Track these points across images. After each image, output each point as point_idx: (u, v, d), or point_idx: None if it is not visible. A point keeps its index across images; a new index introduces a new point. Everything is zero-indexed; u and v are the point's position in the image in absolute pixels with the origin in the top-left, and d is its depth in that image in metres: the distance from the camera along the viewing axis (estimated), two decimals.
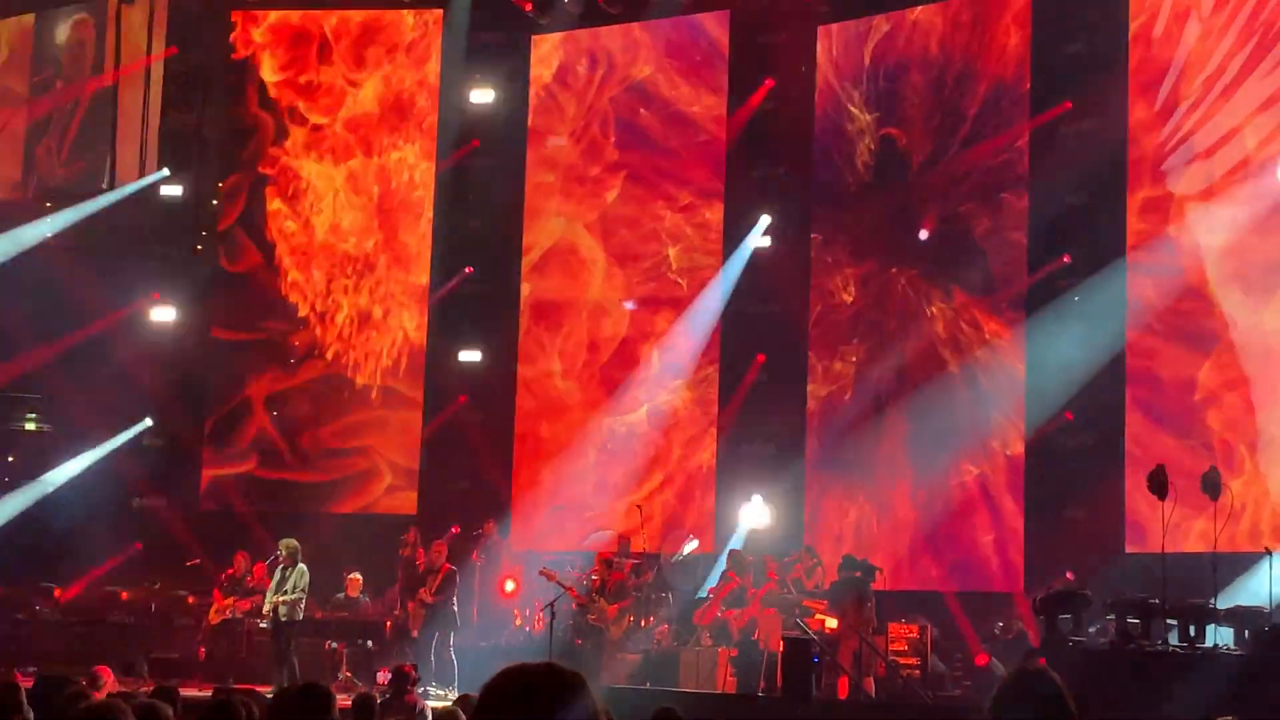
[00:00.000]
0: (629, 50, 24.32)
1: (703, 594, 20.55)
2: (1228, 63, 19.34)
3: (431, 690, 18.45)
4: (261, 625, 20.34)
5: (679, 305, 23.57)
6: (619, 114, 24.28)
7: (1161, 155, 19.74)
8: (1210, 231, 19.29)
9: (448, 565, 20.04)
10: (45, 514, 23.83)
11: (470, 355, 24.41)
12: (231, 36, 25.40)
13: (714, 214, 23.50)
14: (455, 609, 20.00)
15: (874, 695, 16.90)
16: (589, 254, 24.22)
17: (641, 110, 24.10)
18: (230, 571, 21.42)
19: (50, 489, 24.02)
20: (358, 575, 21.29)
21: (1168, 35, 19.82)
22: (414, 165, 24.90)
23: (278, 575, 19.64)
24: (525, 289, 24.53)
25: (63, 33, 26.32)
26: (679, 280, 23.64)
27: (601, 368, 24.01)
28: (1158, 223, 19.72)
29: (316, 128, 25.14)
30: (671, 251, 23.72)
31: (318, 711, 6.17)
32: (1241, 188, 19.10)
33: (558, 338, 24.26)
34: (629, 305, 24.04)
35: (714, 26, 23.75)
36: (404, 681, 14.63)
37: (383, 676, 16.59)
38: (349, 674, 19.93)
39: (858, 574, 17.88)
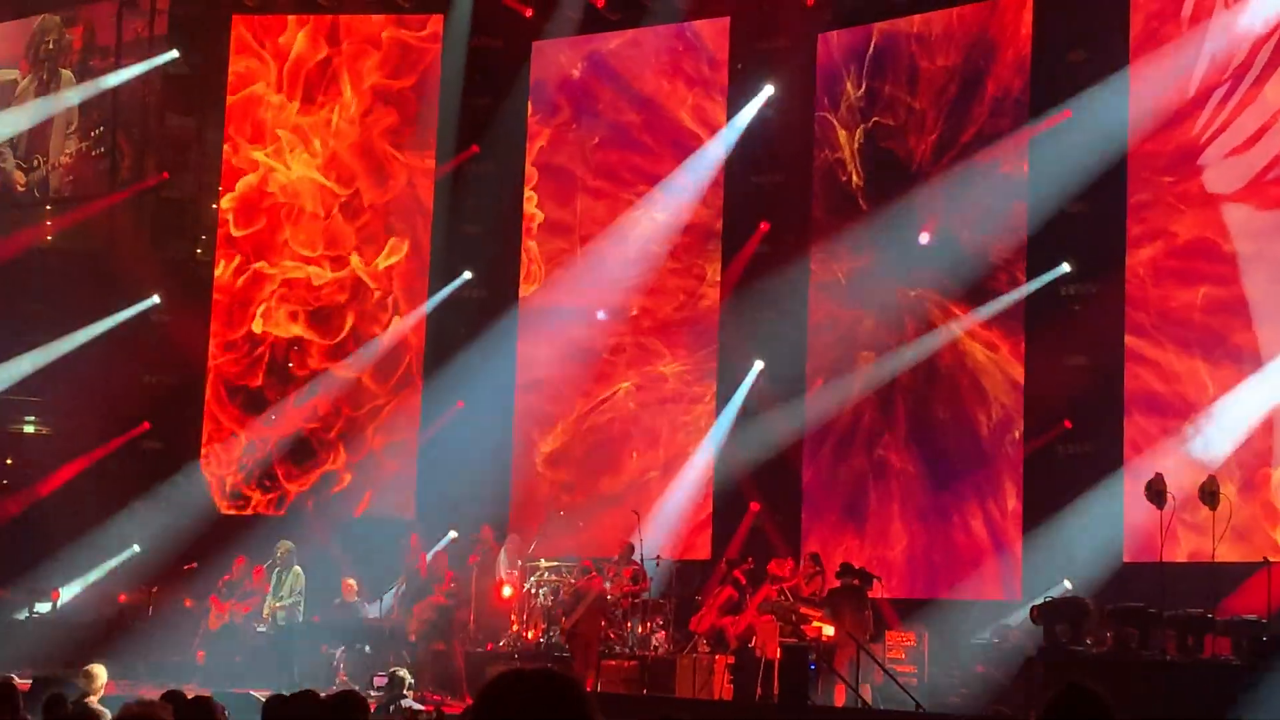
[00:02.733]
0: (628, 56, 24.31)
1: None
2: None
3: (430, 696, 18.46)
4: (260, 629, 20.34)
5: (678, 313, 23.54)
6: (617, 120, 24.26)
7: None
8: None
9: (451, 571, 20.07)
10: (43, 516, 23.83)
11: (468, 359, 24.38)
12: (232, 39, 25.38)
13: (713, 222, 23.49)
14: (460, 616, 20.06)
15: (870, 703, 16.88)
16: (588, 261, 24.20)
17: (640, 117, 24.09)
18: (228, 576, 21.40)
19: (47, 492, 24.06)
20: (353, 580, 21.29)
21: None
22: (413, 170, 24.89)
23: (274, 578, 19.68)
24: (524, 294, 24.51)
25: (61, 33, 26.33)
26: (677, 288, 23.62)
27: (600, 374, 23.97)
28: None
29: (314, 130, 25.12)
30: (670, 258, 23.68)
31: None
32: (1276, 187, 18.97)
33: (556, 344, 24.23)
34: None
35: (713, 33, 23.75)
36: (399, 686, 14.63)
37: (379, 680, 16.58)
38: (345, 678, 19.92)
39: (856, 581, 17.89)
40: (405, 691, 14.73)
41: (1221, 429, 18.76)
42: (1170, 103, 19.62)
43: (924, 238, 21.63)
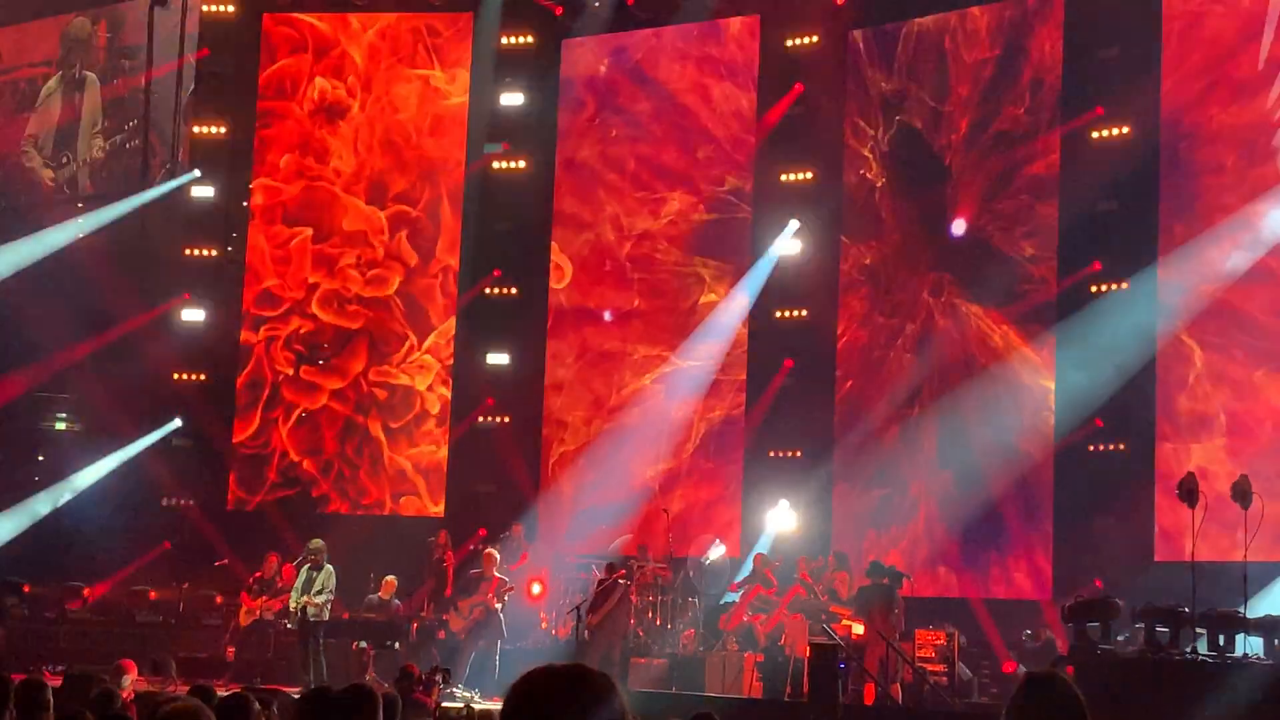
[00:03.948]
0: (658, 54, 24.29)
1: (730, 598, 20.54)
2: None
3: (465, 693, 18.48)
4: (288, 626, 20.39)
5: (707, 310, 23.51)
6: (647, 118, 24.24)
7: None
8: None
9: (498, 578, 20.07)
10: (74, 513, 23.91)
11: (498, 358, 24.40)
12: (262, 39, 25.44)
13: (743, 218, 23.46)
14: (502, 616, 20.10)
15: (900, 701, 16.85)
16: (616, 258, 24.19)
17: (669, 114, 24.06)
18: (259, 574, 21.46)
19: (78, 489, 24.13)
20: (392, 578, 21.34)
21: None
22: (443, 166, 24.91)
23: (304, 575, 19.71)
24: (553, 292, 24.51)
25: (92, 33, 26.44)
26: (706, 285, 23.58)
27: (627, 372, 23.95)
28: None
29: (345, 126, 25.16)
30: (699, 255, 23.66)
31: (359, 713, 6.16)
32: None
33: (583, 342, 24.24)
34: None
35: (743, 30, 23.73)
36: (409, 681, 14.58)
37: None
38: (374, 675, 19.95)
39: (885, 580, 17.84)
40: (415, 686, 14.69)
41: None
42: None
43: (959, 225, 21.46)
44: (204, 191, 25.11)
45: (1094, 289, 20.21)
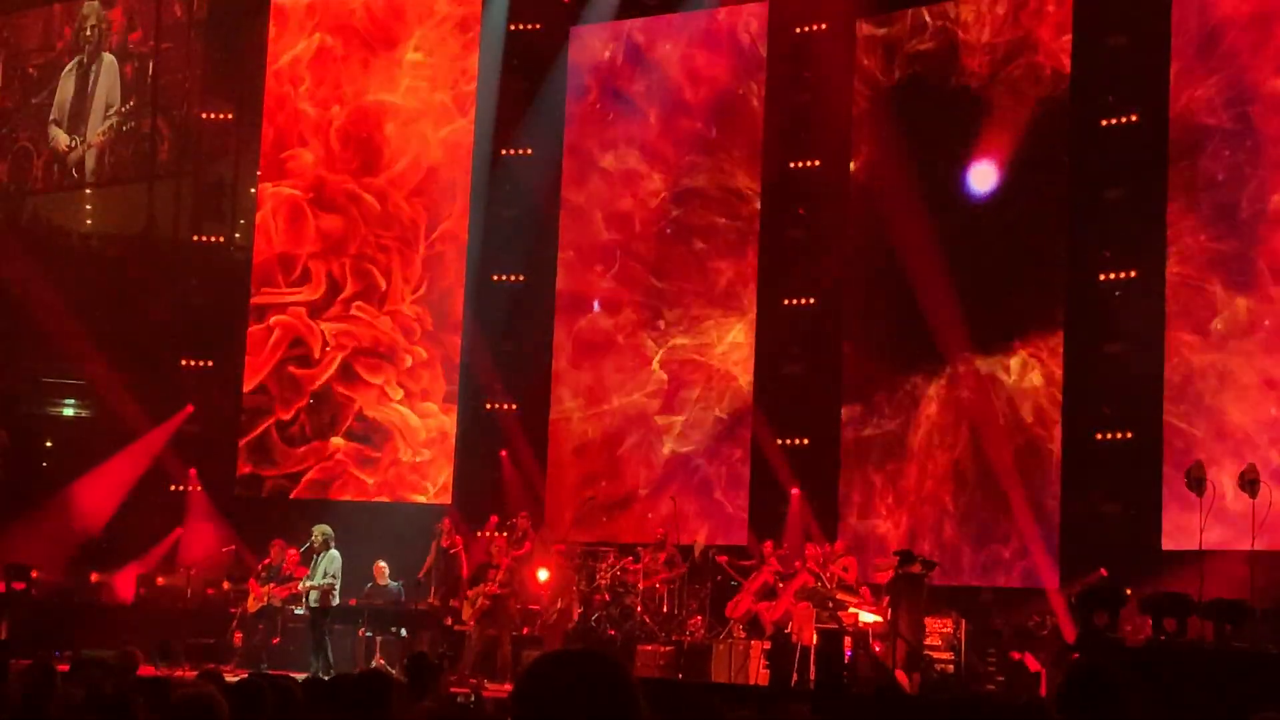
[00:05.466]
0: (666, 41, 24.26)
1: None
2: None
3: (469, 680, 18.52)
4: (297, 612, 20.41)
5: (714, 297, 23.49)
6: (654, 106, 24.20)
7: None
8: None
9: (507, 559, 20.07)
10: (83, 499, 23.93)
11: (505, 343, 24.40)
12: (270, 22, 25.40)
13: (750, 207, 23.43)
14: (511, 604, 20.11)
15: (917, 692, 16.81)
16: (623, 245, 24.16)
17: (676, 101, 24.03)
18: (267, 560, 21.48)
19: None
20: (383, 563, 21.37)
21: None
22: (451, 151, 24.89)
23: (311, 561, 19.76)
24: (560, 279, 24.48)
25: (101, 17, 26.44)
26: (713, 273, 23.56)
27: (634, 360, 23.93)
28: None
29: (355, 112, 25.14)
30: (707, 243, 23.63)
31: (376, 700, 6.17)
32: None
33: (590, 328, 24.22)
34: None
35: (751, 18, 23.68)
36: (419, 666, 14.55)
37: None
38: (382, 661, 19.99)
39: (916, 569, 17.78)
40: (425, 673, 14.67)
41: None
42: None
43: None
44: (211, 177, 25.12)
45: (1103, 277, 20.20)
